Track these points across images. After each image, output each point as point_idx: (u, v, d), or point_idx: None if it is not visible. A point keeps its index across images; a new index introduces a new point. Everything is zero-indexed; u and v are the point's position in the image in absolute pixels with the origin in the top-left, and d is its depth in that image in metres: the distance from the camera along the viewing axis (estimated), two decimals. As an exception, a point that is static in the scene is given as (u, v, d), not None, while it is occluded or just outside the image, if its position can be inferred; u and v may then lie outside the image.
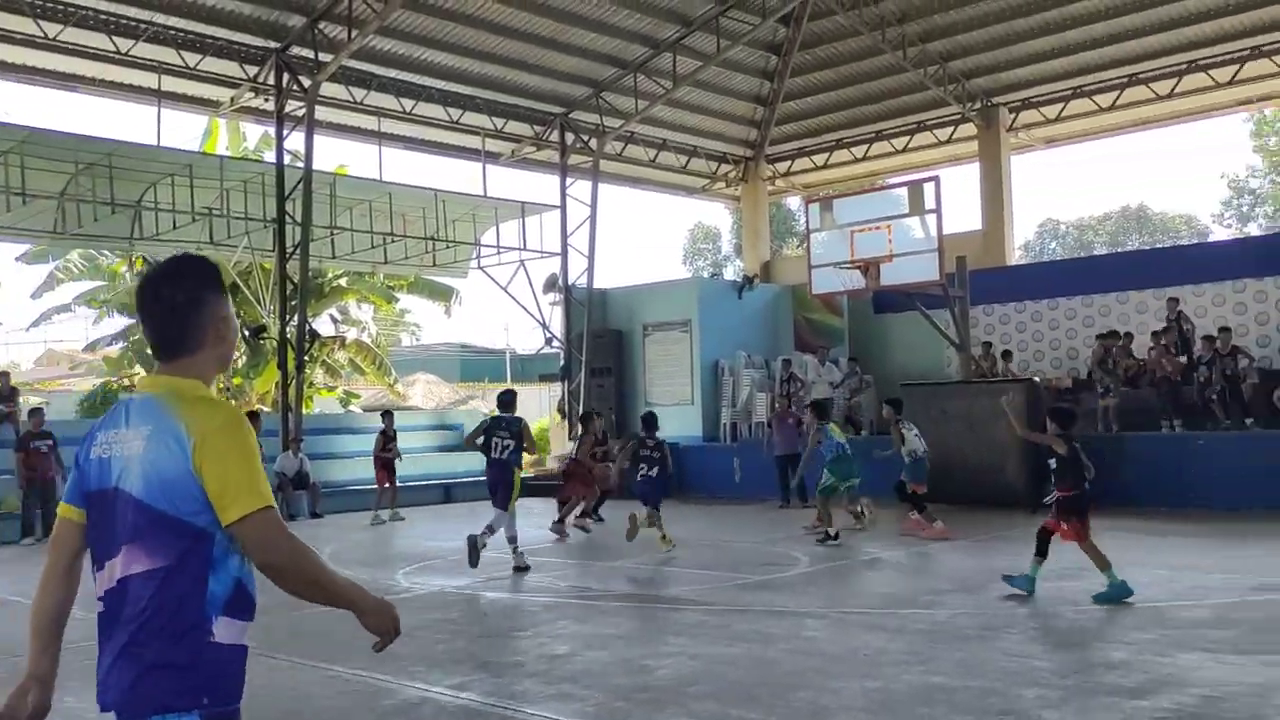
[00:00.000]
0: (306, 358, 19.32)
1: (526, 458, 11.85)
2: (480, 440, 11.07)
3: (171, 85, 18.08)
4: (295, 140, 18.78)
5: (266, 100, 18.81)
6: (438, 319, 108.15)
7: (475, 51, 19.79)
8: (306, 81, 17.98)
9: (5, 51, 16.73)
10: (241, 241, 19.32)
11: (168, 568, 2.24)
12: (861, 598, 9.26)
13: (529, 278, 22.39)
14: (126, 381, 26.65)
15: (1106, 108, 22.27)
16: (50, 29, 16.07)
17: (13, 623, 6.20)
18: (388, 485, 17.01)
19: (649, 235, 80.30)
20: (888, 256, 16.05)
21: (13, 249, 25.03)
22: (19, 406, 17.14)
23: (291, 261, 18.52)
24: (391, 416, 18.02)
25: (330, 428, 21.60)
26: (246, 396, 26.50)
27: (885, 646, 7.05)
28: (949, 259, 16.28)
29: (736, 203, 28.84)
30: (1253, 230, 40.21)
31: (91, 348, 29.47)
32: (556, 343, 23.24)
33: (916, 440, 13.06)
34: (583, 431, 15.89)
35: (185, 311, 2.41)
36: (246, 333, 25.42)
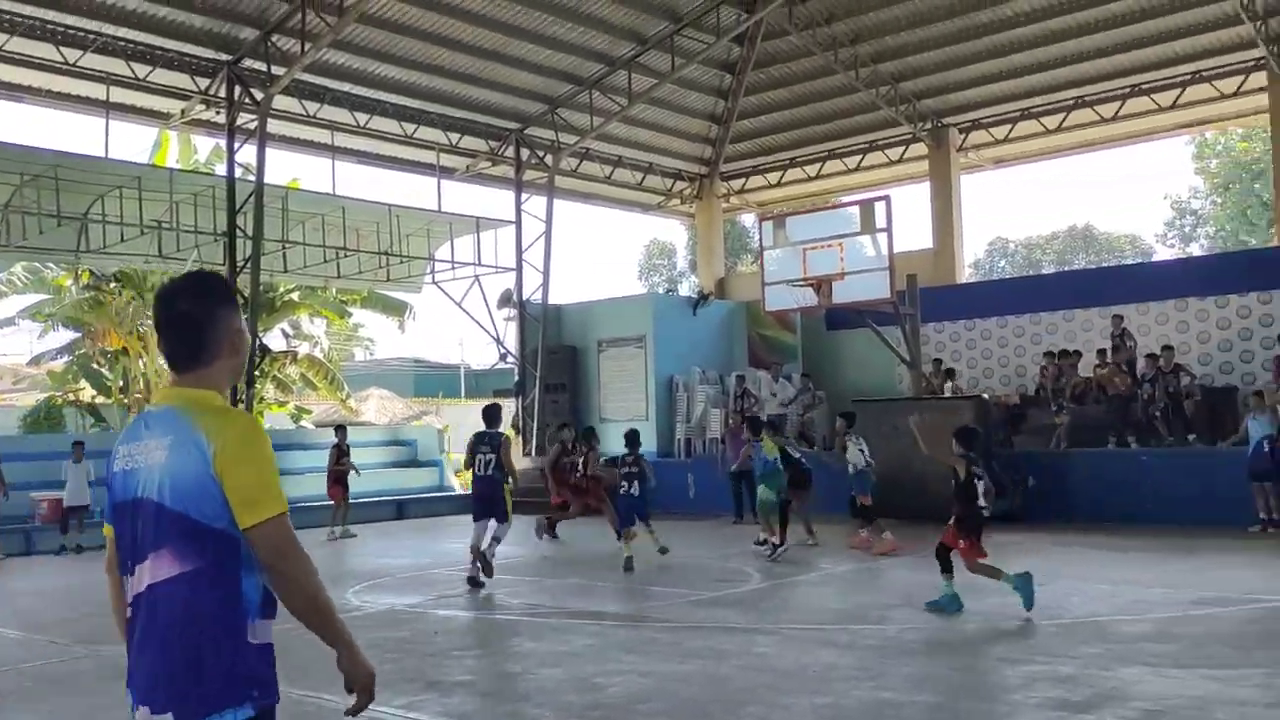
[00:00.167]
0: (257, 373, 19.09)
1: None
2: (468, 458, 11.35)
3: (120, 97, 17.85)
4: (247, 153, 18.60)
5: (218, 113, 18.62)
6: (391, 334, 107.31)
7: (430, 66, 19.76)
8: (259, 94, 17.82)
9: (-52, 61, 16.46)
10: (191, 255, 19.06)
11: (197, 570, 2.34)
12: (812, 613, 9.32)
13: (484, 293, 22.37)
14: (72, 396, 26.17)
15: (1053, 129, 22.69)
16: (-5, 38, 15.83)
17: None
18: (341, 501, 16.86)
19: (605, 251, 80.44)
20: (839, 274, 16.23)
21: (-46, 261, 24.47)
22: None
23: (242, 275, 18.31)
24: (345, 431, 17.85)
25: (281, 443, 21.27)
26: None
27: (835, 662, 7.11)
28: (900, 277, 16.49)
29: (692, 219, 28.99)
30: (1195, 250, 41.14)
31: (36, 362, 28.93)
32: (511, 358, 23.19)
33: (858, 454, 13.27)
34: (559, 443, 15.98)
35: (201, 325, 2.50)
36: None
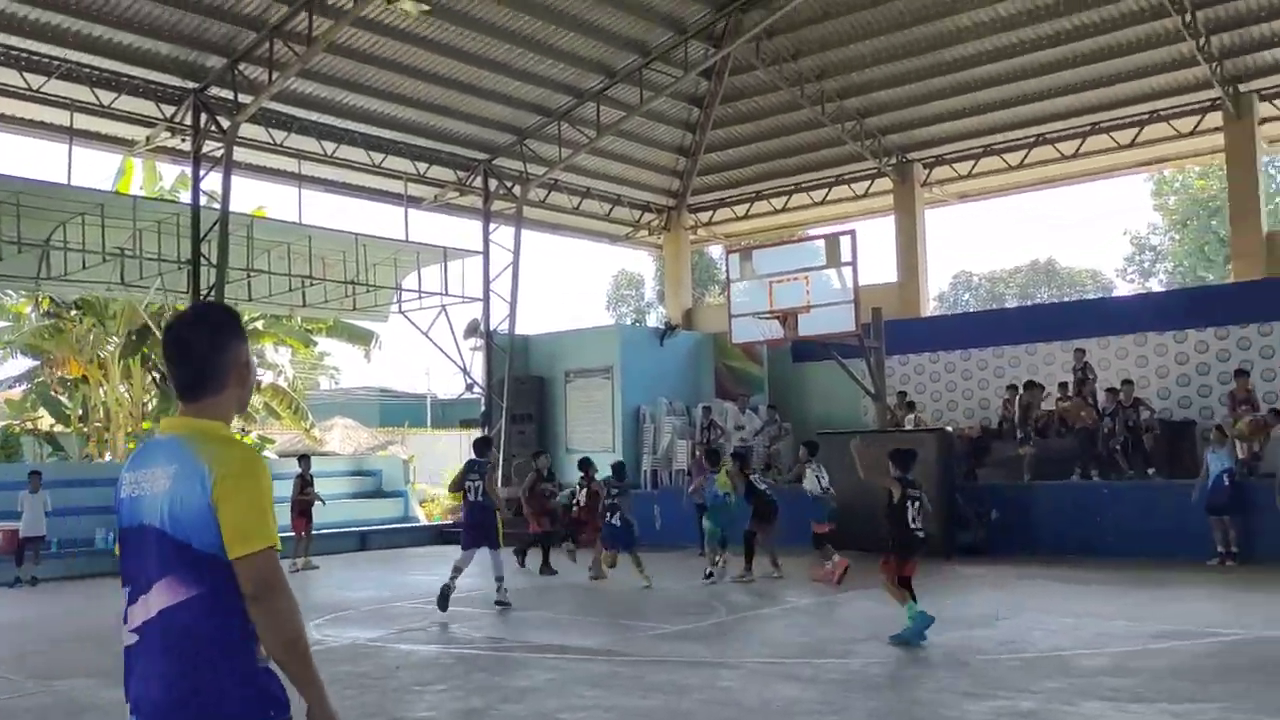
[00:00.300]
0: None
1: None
2: (458, 485, 12.01)
3: (84, 123, 17.71)
4: (213, 181, 18.49)
5: (183, 140, 18.51)
6: (357, 363, 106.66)
7: (399, 96, 19.78)
8: (225, 122, 17.75)
9: (-91, 84, 16.30)
10: (154, 283, 18.88)
11: (201, 596, 2.38)
12: (777, 647, 9.31)
13: (450, 323, 22.27)
14: (29, 425, 25.74)
15: (1015, 166, 23.03)
16: (-44, 63, 15.71)
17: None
18: (304, 532, 16.68)
19: (573, 281, 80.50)
20: (805, 307, 16.35)
21: (-89, 286, 24.09)
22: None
23: (206, 304, 18.16)
24: (309, 461, 17.69)
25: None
26: (156, 441, 25.77)
27: (799, 696, 7.10)
28: (865, 310, 16.63)
29: (659, 250, 29.10)
30: (1154, 285, 41.78)
31: (-8, 389, 28.42)
32: (477, 388, 23.10)
33: (814, 481, 13.57)
34: (531, 468, 16.07)
35: (209, 356, 2.56)
36: (157, 376, 24.87)
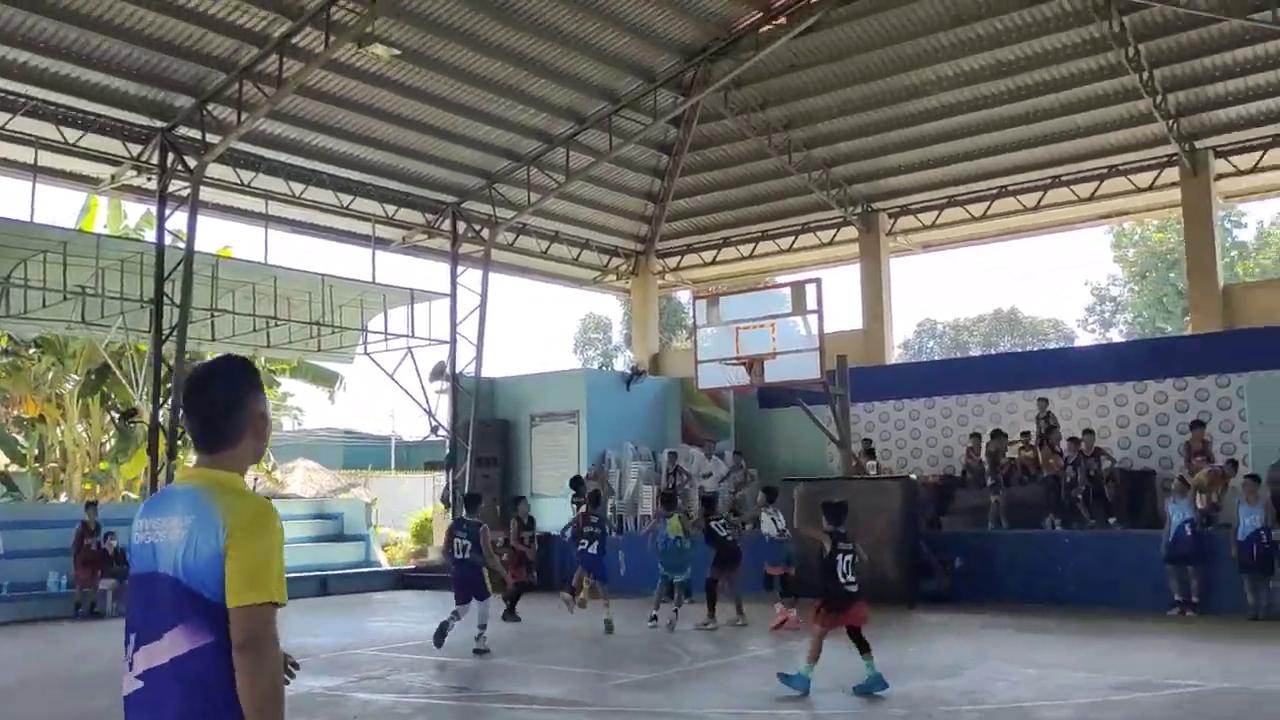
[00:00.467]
0: (180, 443, 18.60)
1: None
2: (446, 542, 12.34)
3: (49, 160, 17.54)
4: (178, 220, 18.36)
5: (149, 179, 18.39)
6: (321, 404, 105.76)
7: (369, 139, 19.79)
8: (192, 162, 17.66)
9: None
10: (115, 322, 18.68)
11: (212, 645, 2.45)
12: (740, 697, 9.23)
13: (416, 365, 22.15)
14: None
15: (979, 217, 23.37)
16: (-81, 99, 15.56)
17: None
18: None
19: (540, 323, 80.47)
20: (771, 354, 16.43)
21: None
22: None
23: (168, 343, 17.97)
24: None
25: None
26: (113, 482, 25.37)
27: (762, 748, 7.03)
28: (830, 357, 16.74)
29: (627, 295, 29.19)
30: (1114, 336, 42.43)
31: (-54, 427, 27.87)
32: (442, 431, 22.95)
33: (770, 524, 13.86)
34: (512, 516, 16.05)
35: (227, 408, 2.63)
36: (117, 416, 24.52)
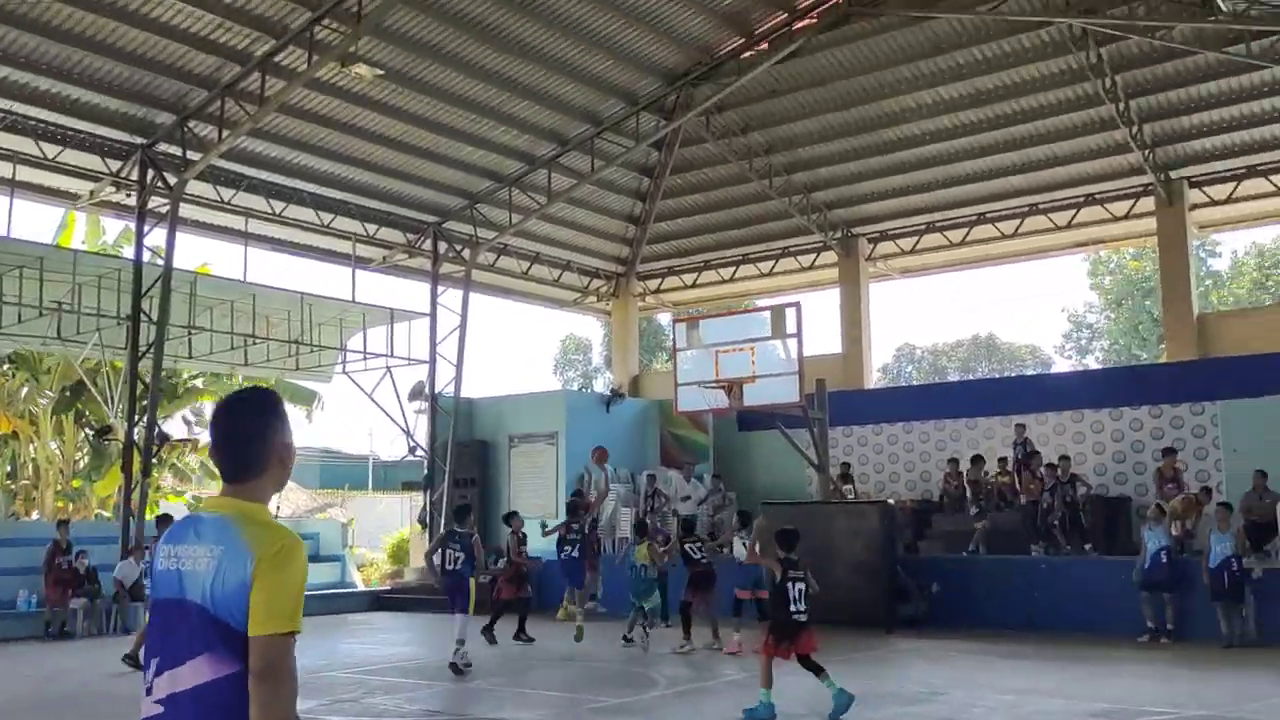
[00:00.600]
0: (154, 461, 18.46)
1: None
2: (436, 553, 12.10)
3: (27, 175, 17.44)
4: (157, 236, 18.27)
5: (128, 195, 18.31)
6: (299, 423, 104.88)
7: (350, 158, 19.78)
8: (172, 179, 17.60)
9: None
10: (92, 338, 18.53)
11: (238, 674, 2.48)
12: (717, 722, 9.19)
13: (395, 385, 22.08)
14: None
15: (957, 243, 23.55)
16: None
17: None
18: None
19: (521, 343, 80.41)
20: (751, 377, 16.43)
21: None
22: None
23: (144, 361, 17.84)
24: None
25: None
26: (86, 500, 25.11)
27: (738, 774, 7.00)
28: (809, 381, 16.77)
29: (608, 316, 29.20)
30: (1090, 362, 42.72)
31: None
32: (420, 451, 22.85)
33: (742, 549, 13.90)
34: (510, 531, 15.61)
35: (255, 440, 2.69)
36: (91, 433, 24.30)
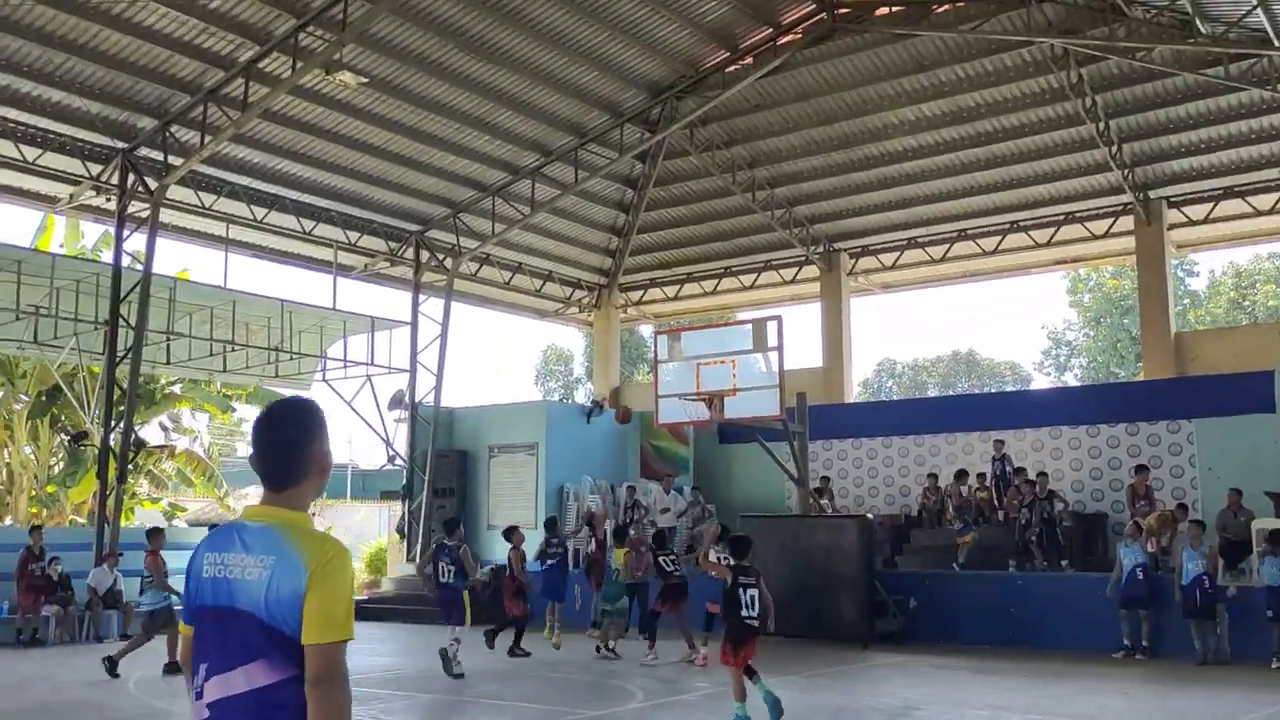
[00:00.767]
0: (131, 467, 18.29)
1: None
2: (428, 566, 12.27)
3: (6, 178, 17.34)
4: (137, 241, 18.17)
5: (108, 200, 18.20)
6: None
7: (333, 165, 19.73)
8: (153, 183, 17.51)
9: None
10: (69, 343, 18.39)
11: (292, 679, 2.56)
12: (694, 735, 9.17)
13: (375, 393, 22.00)
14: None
15: (938, 259, 23.69)
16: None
17: None
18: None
19: (502, 353, 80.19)
20: (731, 390, 16.45)
21: None
22: None
23: (122, 366, 17.71)
24: (219, 532, 17.19)
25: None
26: (60, 506, 24.89)
27: (713, 788, 6.98)
28: (790, 394, 16.80)
29: (589, 328, 29.20)
30: (1069, 380, 43.02)
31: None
32: (400, 460, 22.76)
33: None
34: (511, 546, 15.30)
35: (295, 447, 2.78)
36: (67, 438, 24.08)
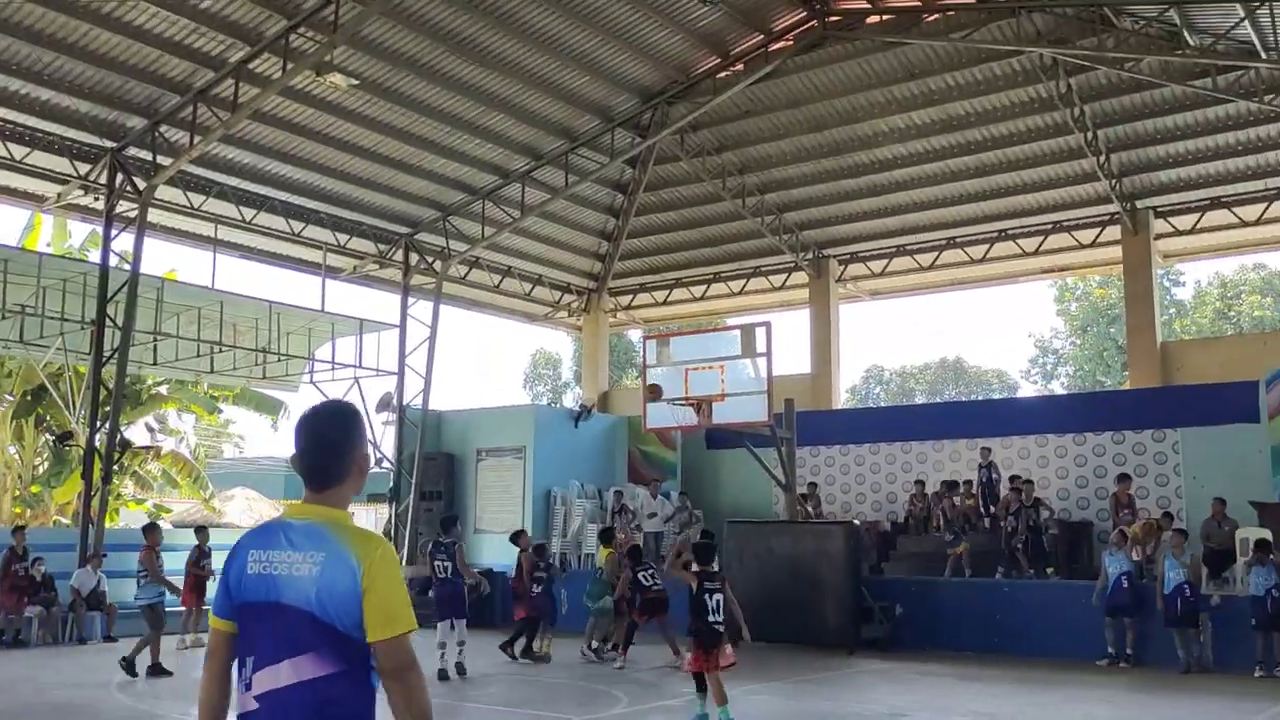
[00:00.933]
0: (116, 468, 18.20)
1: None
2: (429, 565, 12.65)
3: (-6, 177, 17.30)
4: (124, 241, 18.09)
5: (96, 199, 18.13)
6: (264, 432, 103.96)
7: (323, 167, 19.69)
8: (141, 183, 17.45)
9: None
10: (55, 342, 18.30)
11: (344, 673, 2.66)
12: (678, 741, 9.17)
13: (363, 396, 21.93)
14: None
15: (926, 267, 23.77)
16: None
17: None
18: (194, 607, 16.04)
19: (490, 357, 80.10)
20: (720, 395, 16.46)
21: None
22: None
23: (108, 366, 17.63)
24: (207, 533, 17.10)
25: (135, 544, 20.20)
26: (44, 506, 24.75)
27: (698, 794, 6.98)
28: (778, 400, 16.82)
29: (578, 332, 29.20)
30: (1056, 388, 43.21)
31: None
32: (387, 463, 22.70)
33: None
34: (519, 550, 15.28)
35: (339, 449, 2.88)
36: (52, 438, 23.95)
